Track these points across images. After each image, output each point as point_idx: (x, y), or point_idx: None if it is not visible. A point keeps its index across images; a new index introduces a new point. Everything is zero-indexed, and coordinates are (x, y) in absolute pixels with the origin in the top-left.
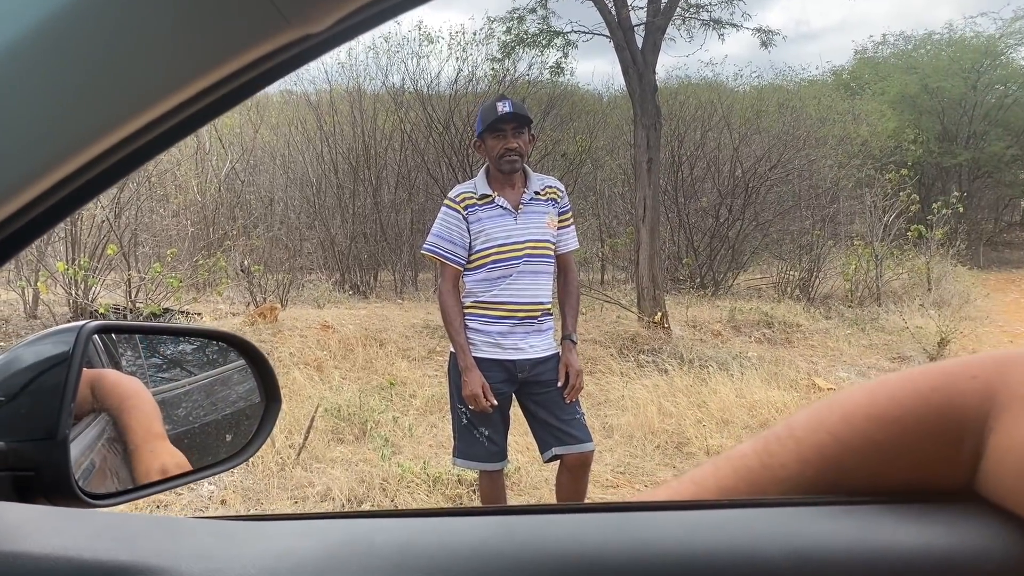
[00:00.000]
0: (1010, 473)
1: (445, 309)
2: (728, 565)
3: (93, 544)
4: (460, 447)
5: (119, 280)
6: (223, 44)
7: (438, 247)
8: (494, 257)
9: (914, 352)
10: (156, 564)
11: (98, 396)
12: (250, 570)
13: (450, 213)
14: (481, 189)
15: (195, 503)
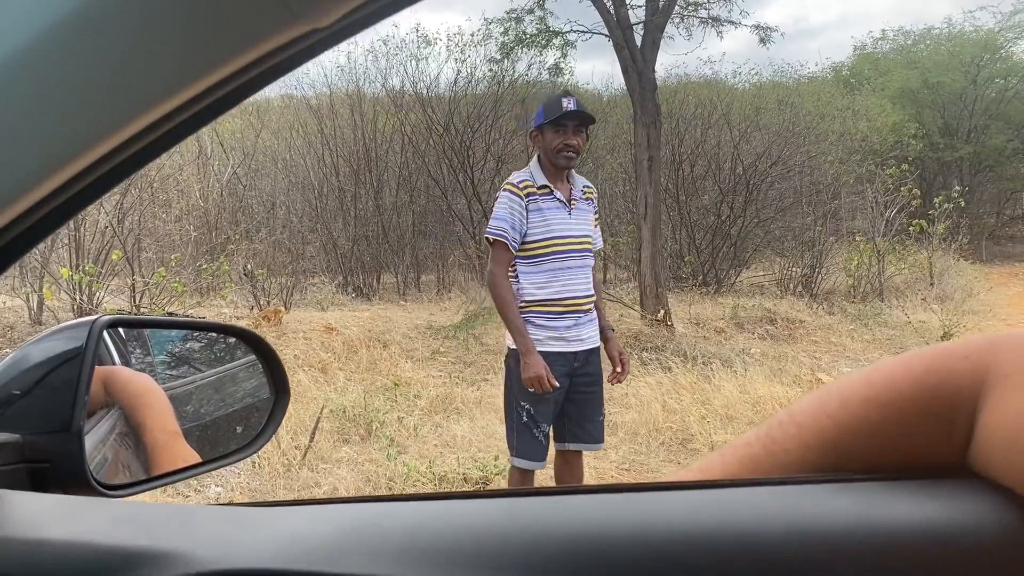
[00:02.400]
0: (999, 448)
1: (501, 293)
2: (731, 542)
3: (111, 531)
4: (520, 447)
5: (123, 285)
6: (231, 40)
7: (504, 232)
8: (555, 248)
9: (917, 346)
10: (172, 549)
11: (111, 392)
12: (263, 554)
13: (513, 199)
14: (539, 179)
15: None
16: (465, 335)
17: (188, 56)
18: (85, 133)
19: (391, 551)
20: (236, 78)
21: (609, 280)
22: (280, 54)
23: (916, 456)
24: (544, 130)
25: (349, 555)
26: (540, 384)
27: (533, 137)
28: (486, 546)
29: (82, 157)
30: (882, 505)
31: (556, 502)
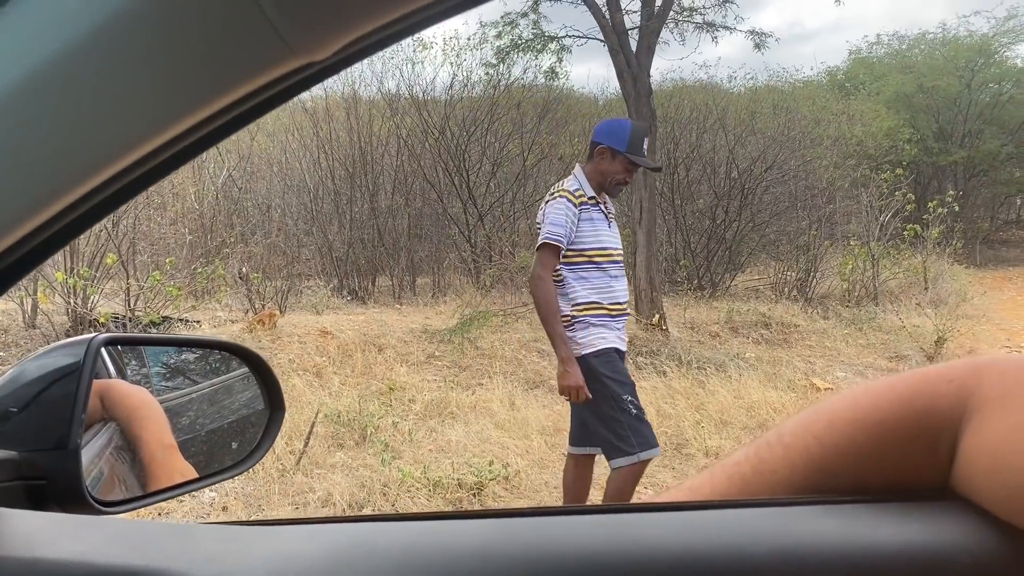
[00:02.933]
0: (980, 471)
1: (549, 299)
2: (720, 564)
3: (107, 550)
4: (639, 439)
5: (118, 289)
6: (228, 72)
7: (561, 238)
8: (607, 257)
9: (911, 351)
10: (168, 568)
11: (107, 406)
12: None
13: (570, 207)
14: (588, 191)
15: (197, 509)
16: (461, 339)
17: (187, 87)
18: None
19: (385, 571)
20: (232, 109)
21: None
22: (276, 86)
23: (901, 478)
24: (616, 156)
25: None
26: (577, 393)
27: (600, 152)
28: (480, 567)
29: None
30: (867, 527)
31: (549, 523)
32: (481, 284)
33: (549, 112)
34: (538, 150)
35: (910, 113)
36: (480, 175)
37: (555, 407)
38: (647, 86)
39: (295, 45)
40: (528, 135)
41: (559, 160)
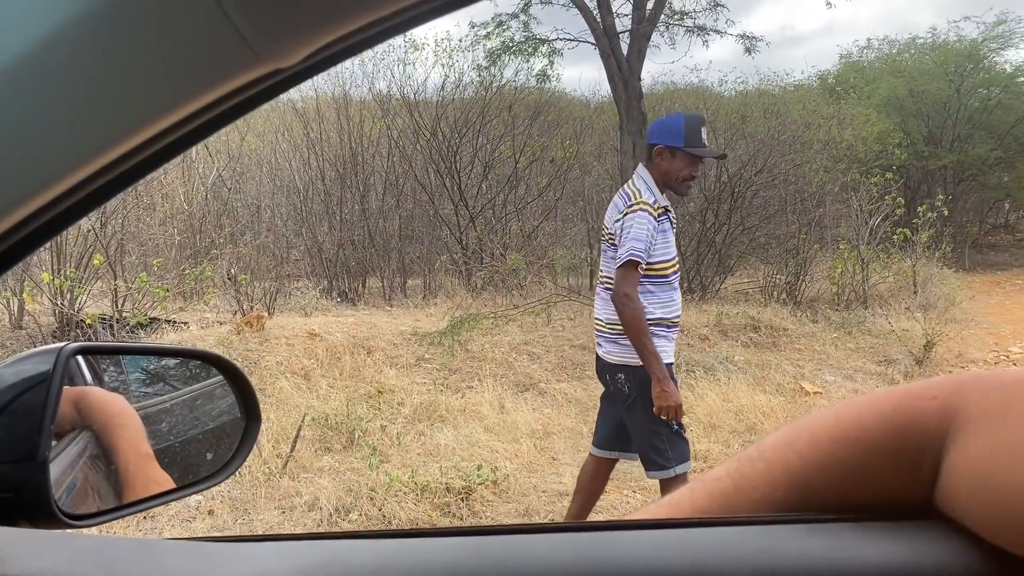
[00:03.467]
0: (963, 490)
1: (638, 315)
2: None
3: (72, 568)
4: (676, 454)
5: (105, 290)
6: (194, 78)
7: (644, 255)
8: (673, 270)
9: (900, 355)
10: None
11: (83, 413)
12: None
13: (650, 219)
14: (661, 200)
15: (182, 513)
16: (451, 342)
17: (152, 93)
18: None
19: None
20: (200, 115)
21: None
22: (244, 93)
23: (883, 495)
24: (676, 153)
25: None
26: (676, 412)
27: (659, 153)
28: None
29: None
30: (849, 546)
31: (525, 540)
32: (472, 286)
33: (541, 114)
34: (529, 152)
35: (900, 117)
36: (471, 177)
37: (544, 411)
38: (638, 89)
39: (261, 52)
40: (520, 137)
41: (550, 163)
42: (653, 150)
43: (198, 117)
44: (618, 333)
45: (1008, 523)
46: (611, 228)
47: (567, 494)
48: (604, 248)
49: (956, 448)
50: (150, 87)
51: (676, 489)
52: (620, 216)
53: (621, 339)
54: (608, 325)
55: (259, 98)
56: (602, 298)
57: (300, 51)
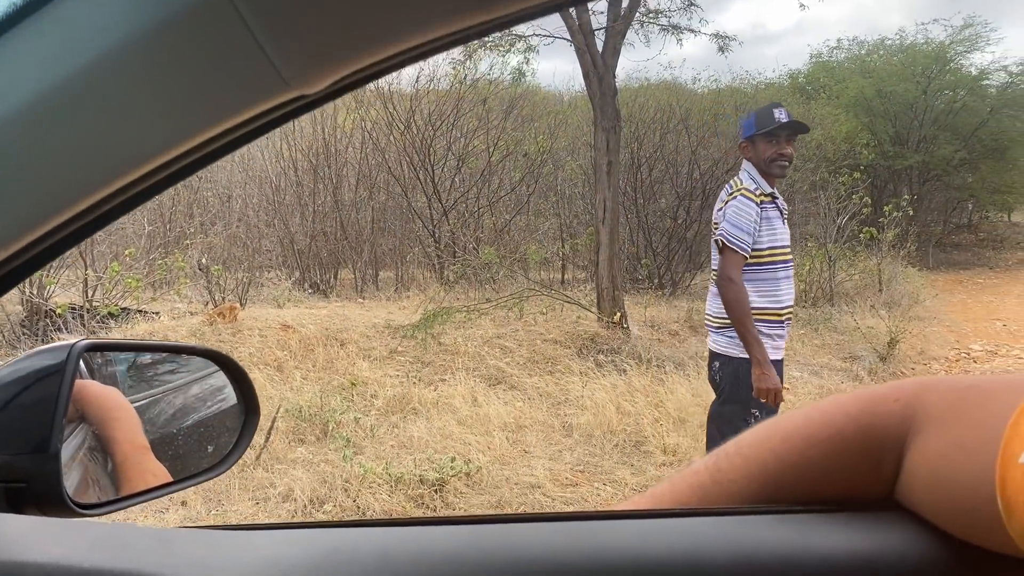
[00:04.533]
0: (921, 484)
1: (742, 301)
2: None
3: (92, 554)
4: None
5: (75, 279)
6: (224, 102)
7: (745, 243)
8: (778, 257)
9: (865, 352)
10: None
11: (80, 407)
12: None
13: (751, 205)
14: (764, 186)
15: (156, 503)
16: (424, 335)
17: (186, 115)
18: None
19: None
20: (225, 136)
21: (568, 281)
22: (268, 116)
23: (850, 489)
24: (755, 141)
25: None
26: (775, 397)
27: (743, 148)
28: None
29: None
30: (818, 535)
31: (519, 529)
32: (445, 279)
33: (515, 109)
34: (503, 146)
35: (868, 117)
36: (445, 170)
37: (516, 404)
38: (612, 86)
39: (290, 79)
40: (494, 131)
41: (524, 157)
42: (741, 148)
43: (223, 137)
44: (721, 325)
45: (959, 513)
46: (715, 219)
47: (539, 486)
48: (713, 242)
49: (915, 447)
50: (183, 110)
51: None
52: (722, 205)
53: (723, 330)
54: (711, 317)
55: (282, 119)
56: (711, 292)
57: (327, 79)
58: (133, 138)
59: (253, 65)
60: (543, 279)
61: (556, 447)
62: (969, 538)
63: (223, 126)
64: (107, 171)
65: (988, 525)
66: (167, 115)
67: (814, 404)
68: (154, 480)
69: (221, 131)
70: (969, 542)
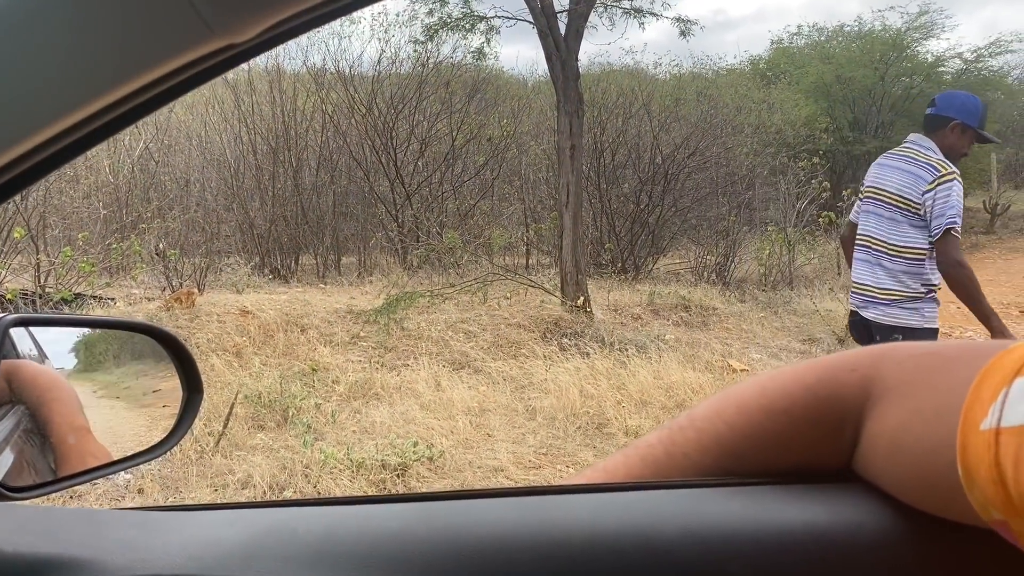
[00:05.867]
0: (880, 455)
1: (974, 278)
2: (631, 543)
3: (15, 538)
4: None
5: (27, 264)
6: (146, 51)
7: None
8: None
9: (824, 334)
10: (80, 556)
11: (14, 388)
12: (176, 559)
13: (961, 188)
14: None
15: (111, 492)
16: (386, 320)
17: (105, 64)
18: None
19: (305, 556)
20: (150, 88)
21: (532, 266)
22: (195, 67)
23: (806, 461)
24: (967, 131)
25: (263, 560)
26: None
27: (953, 127)
28: (399, 550)
29: None
30: (773, 508)
31: (469, 506)
32: (408, 264)
33: (478, 92)
34: (467, 130)
35: (828, 103)
36: (408, 154)
37: (480, 388)
38: (575, 70)
39: (216, 27)
40: (457, 115)
41: (488, 141)
42: (949, 124)
43: (149, 90)
44: (893, 299)
45: (918, 483)
46: (905, 194)
47: (502, 469)
48: (868, 209)
49: (873, 416)
50: (103, 57)
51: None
52: (931, 186)
53: (899, 303)
54: (880, 290)
55: (211, 72)
56: (868, 262)
57: (254, 27)
58: (52, 90)
59: (175, 11)
60: (507, 264)
61: (519, 430)
62: (929, 508)
63: (148, 77)
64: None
65: (948, 495)
66: (87, 65)
67: (768, 374)
68: (94, 461)
69: (147, 83)
70: (928, 513)
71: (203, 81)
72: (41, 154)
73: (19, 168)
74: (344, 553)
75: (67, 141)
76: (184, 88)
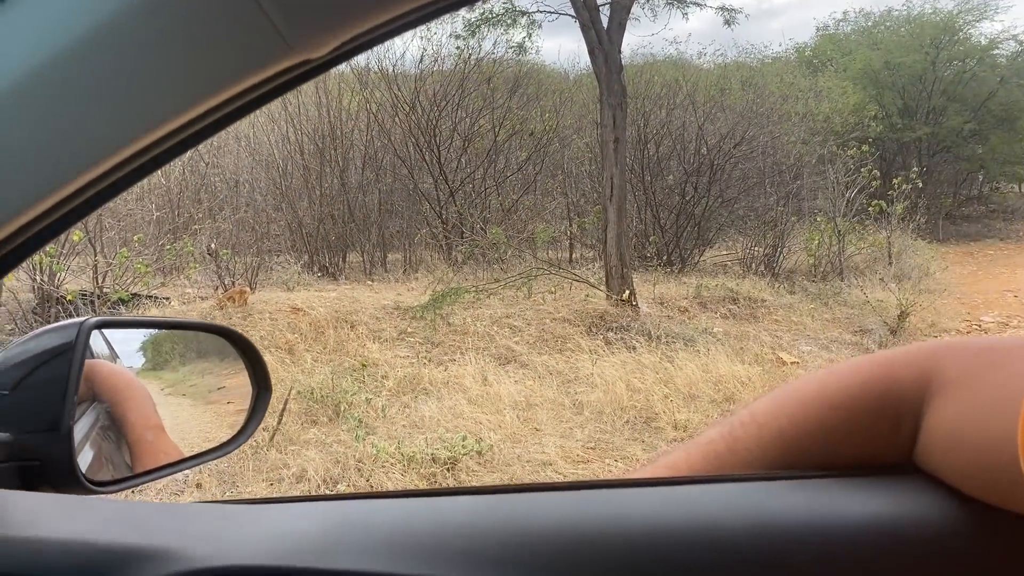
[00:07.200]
0: (940, 448)
1: None
2: (696, 537)
3: (106, 529)
4: None
5: (85, 266)
6: (228, 69)
7: None
8: None
9: (875, 325)
10: (165, 547)
11: (93, 387)
12: (255, 551)
13: None
14: None
15: (170, 486)
16: (433, 315)
17: (188, 82)
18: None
19: (378, 547)
20: (229, 104)
21: (576, 260)
22: (273, 82)
23: (866, 455)
24: None
25: (338, 551)
26: None
27: None
28: (468, 542)
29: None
30: (836, 500)
31: (532, 499)
32: (453, 260)
33: (520, 87)
34: (509, 126)
35: (876, 90)
36: (451, 150)
37: (527, 383)
38: (618, 62)
39: (294, 44)
40: (499, 110)
41: (530, 136)
42: None
43: (228, 104)
44: None
45: (980, 475)
46: None
47: (550, 463)
48: None
49: (933, 410)
50: (187, 77)
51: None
52: None
53: None
54: None
55: (287, 86)
56: None
57: (330, 43)
58: (138, 107)
59: (257, 30)
60: (551, 258)
61: (567, 425)
62: (991, 500)
63: (228, 93)
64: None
65: (1011, 486)
66: (172, 83)
67: (828, 370)
68: (166, 458)
69: (227, 98)
70: (991, 504)
71: (278, 95)
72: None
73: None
74: (415, 545)
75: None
76: (260, 102)
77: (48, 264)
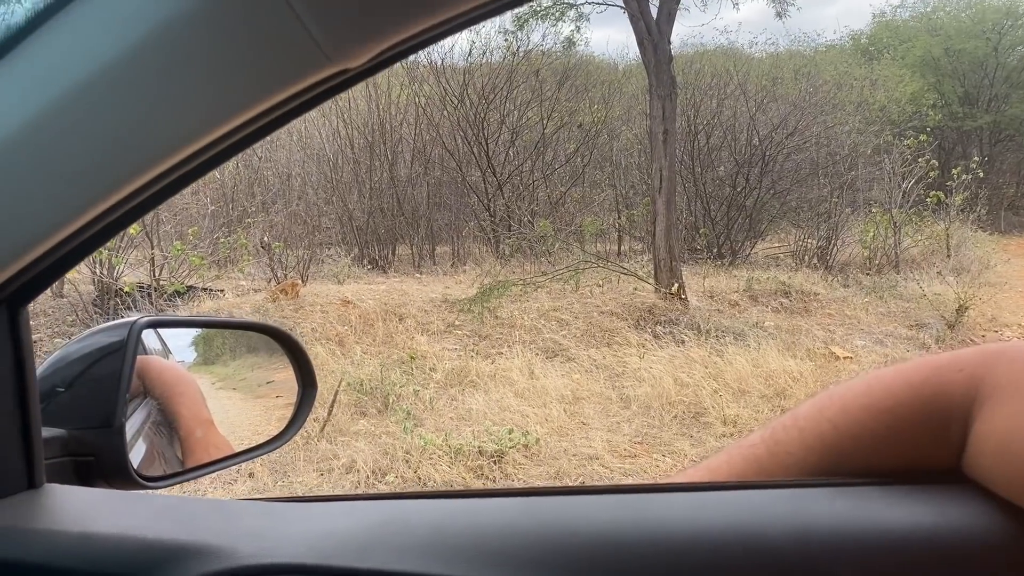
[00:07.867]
0: (990, 456)
1: None
2: (737, 543)
3: (155, 525)
4: None
5: (142, 259)
6: (268, 79)
7: None
8: None
9: (932, 319)
10: (213, 543)
11: (145, 383)
12: (298, 549)
13: None
14: None
15: (223, 475)
16: (480, 308)
17: (229, 93)
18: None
19: (417, 547)
20: (270, 113)
21: (624, 253)
22: (312, 91)
23: (912, 461)
24: None
25: (378, 551)
26: None
27: None
28: (505, 544)
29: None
30: (879, 508)
31: (573, 501)
32: (500, 253)
33: (568, 79)
34: (557, 118)
35: (935, 77)
36: (499, 143)
37: (574, 376)
38: (667, 52)
39: (332, 54)
40: (547, 102)
41: (578, 128)
42: None
43: (270, 113)
44: None
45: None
46: None
47: (597, 458)
48: None
49: (983, 417)
50: (228, 87)
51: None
52: None
53: None
54: None
55: (326, 95)
56: None
57: (368, 53)
58: (181, 117)
59: (295, 42)
60: (599, 251)
61: (614, 419)
62: None
63: (268, 103)
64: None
65: None
66: (213, 94)
67: (873, 373)
68: (217, 453)
69: (266, 108)
70: None
71: (316, 104)
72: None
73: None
74: (454, 546)
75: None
76: (299, 111)
77: (107, 258)
